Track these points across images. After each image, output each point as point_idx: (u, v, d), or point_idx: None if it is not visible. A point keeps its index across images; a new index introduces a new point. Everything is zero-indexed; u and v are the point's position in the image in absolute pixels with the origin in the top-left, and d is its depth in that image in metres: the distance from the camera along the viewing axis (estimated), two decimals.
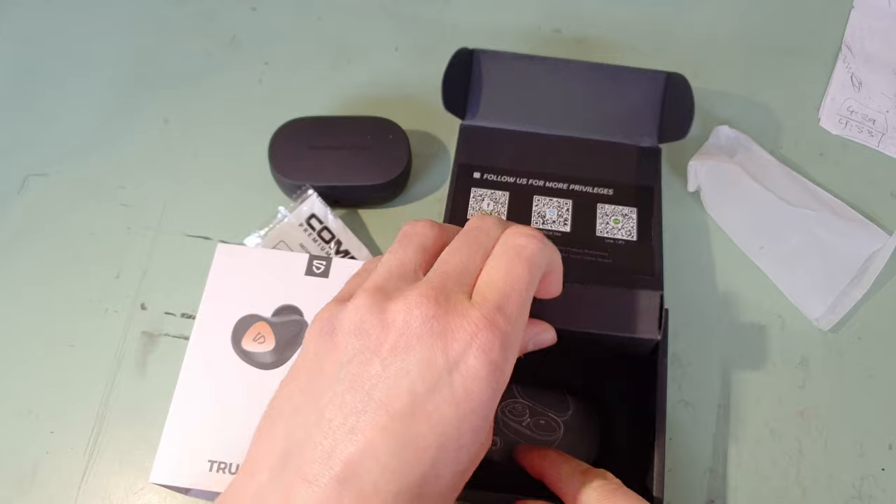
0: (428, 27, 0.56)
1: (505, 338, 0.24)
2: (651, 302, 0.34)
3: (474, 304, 0.25)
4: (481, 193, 0.45)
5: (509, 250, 0.27)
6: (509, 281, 0.26)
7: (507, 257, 0.26)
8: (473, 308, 0.24)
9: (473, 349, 0.23)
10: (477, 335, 0.24)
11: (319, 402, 0.24)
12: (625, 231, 0.44)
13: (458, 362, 0.23)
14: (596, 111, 0.47)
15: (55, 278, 0.46)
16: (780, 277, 0.46)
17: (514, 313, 0.25)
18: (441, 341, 0.24)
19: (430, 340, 0.24)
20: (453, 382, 0.23)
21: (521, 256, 0.26)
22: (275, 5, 0.57)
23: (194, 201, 0.49)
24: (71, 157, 0.51)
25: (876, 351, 0.44)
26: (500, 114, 0.48)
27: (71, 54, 0.55)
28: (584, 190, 0.45)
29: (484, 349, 0.24)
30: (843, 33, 0.56)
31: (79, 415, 0.42)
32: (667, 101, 0.47)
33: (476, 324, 0.24)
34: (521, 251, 0.27)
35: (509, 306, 0.25)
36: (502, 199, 0.45)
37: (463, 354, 0.23)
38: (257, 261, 0.40)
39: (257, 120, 0.50)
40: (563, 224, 0.44)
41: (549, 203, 0.45)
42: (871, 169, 0.50)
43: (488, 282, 0.26)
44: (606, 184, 0.46)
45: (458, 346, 0.24)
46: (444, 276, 0.26)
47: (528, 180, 0.46)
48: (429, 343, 0.24)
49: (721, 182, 0.47)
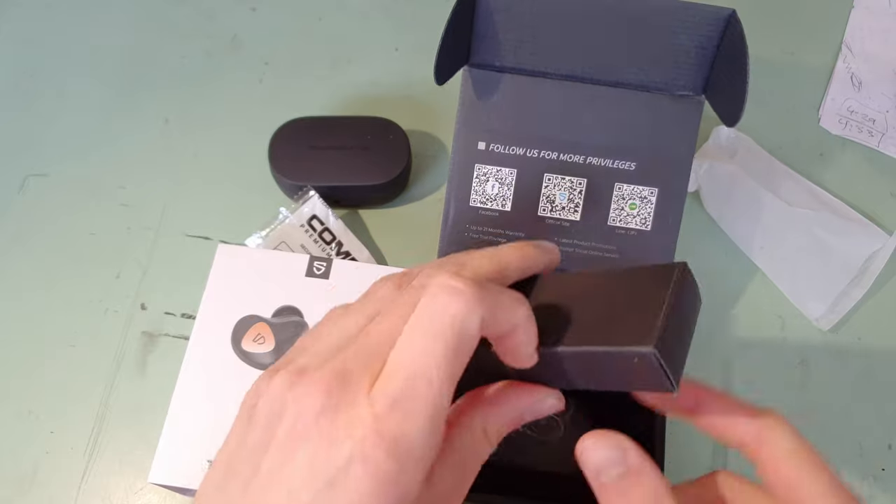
0: (428, 27, 0.56)
1: (398, 443, 0.20)
2: (650, 364, 0.24)
3: (372, 397, 0.21)
4: (486, 172, 0.40)
5: (423, 316, 0.21)
6: (417, 361, 0.21)
7: (420, 326, 0.21)
8: (366, 405, 0.20)
9: (357, 461, 0.20)
10: (363, 443, 0.20)
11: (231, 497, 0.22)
12: (640, 219, 0.40)
13: (340, 474, 0.20)
14: (629, 47, 0.39)
15: (55, 278, 0.46)
16: (780, 277, 0.46)
17: (419, 407, 0.20)
18: (325, 445, 0.20)
19: (315, 442, 0.20)
20: (335, 498, 0.20)
21: (437, 323, 0.21)
22: (275, 5, 0.57)
23: (194, 201, 0.49)
24: (71, 158, 0.51)
25: (876, 351, 0.44)
26: (512, 52, 0.39)
27: (71, 54, 0.55)
28: (603, 164, 0.40)
29: (368, 460, 0.20)
30: (843, 33, 0.56)
31: (79, 415, 0.42)
32: (722, 49, 0.38)
33: (364, 427, 0.20)
34: (438, 316, 0.21)
35: (413, 399, 0.20)
36: (509, 180, 0.40)
37: (347, 466, 0.20)
38: (258, 261, 0.40)
39: (257, 120, 0.50)
40: (573, 211, 0.40)
41: (561, 183, 0.40)
42: (870, 169, 0.50)
43: (395, 361, 0.21)
44: (629, 154, 0.39)
45: (342, 455, 0.20)
46: (352, 355, 0.22)
47: (540, 152, 0.40)
48: (314, 445, 0.20)
49: (721, 182, 0.47)
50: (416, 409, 0.20)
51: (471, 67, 0.40)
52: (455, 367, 0.21)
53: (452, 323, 0.21)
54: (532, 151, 0.40)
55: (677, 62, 0.39)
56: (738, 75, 0.35)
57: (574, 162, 0.40)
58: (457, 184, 0.41)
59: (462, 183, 0.41)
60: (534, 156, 0.40)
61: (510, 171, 0.40)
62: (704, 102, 0.39)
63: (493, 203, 0.40)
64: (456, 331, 0.21)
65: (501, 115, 0.40)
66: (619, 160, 0.40)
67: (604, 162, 0.40)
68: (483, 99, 0.40)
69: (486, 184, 0.41)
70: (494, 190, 0.41)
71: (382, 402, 0.20)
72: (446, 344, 0.21)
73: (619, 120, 0.39)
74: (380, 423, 0.20)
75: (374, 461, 0.20)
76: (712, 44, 0.38)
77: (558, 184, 0.40)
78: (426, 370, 0.21)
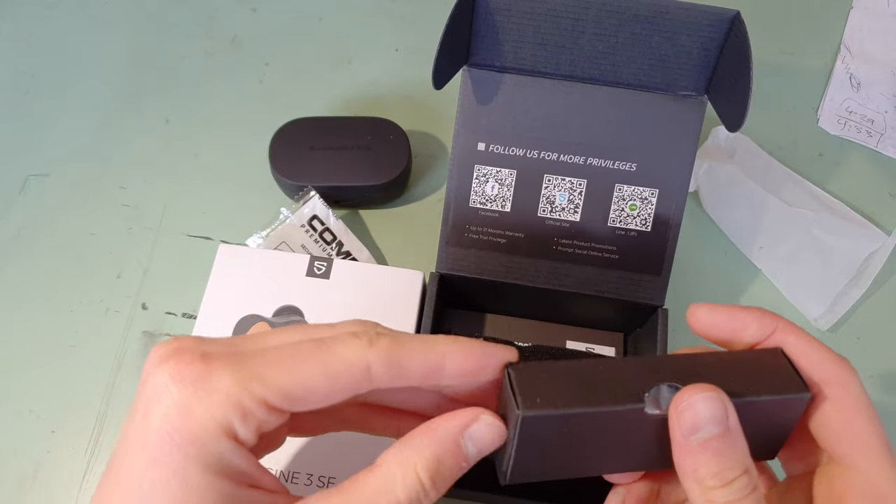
0: (428, 28, 0.56)
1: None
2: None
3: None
4: (486, 173, 0.40)
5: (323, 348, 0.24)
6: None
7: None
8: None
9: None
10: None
11: None
12: (640, 220, 0.40)
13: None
14: (630, 47, 0.38)
15: (56, 278, 0.46)
16: (779, 277, 0.46)
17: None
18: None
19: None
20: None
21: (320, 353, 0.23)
22: (275, 6, 0.57)
23: (195, 202, 0.49)
24: (72, 158, 0.51)
25: (875, 351, 0.44)
26: (512, 52, 0.39)
27: (72, 54, 0.55)
28: (603, 165, 0.39)
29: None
30: (843, 34, 0.56)
31: (80, 414, 0.42)
32: (725, 51, 0.37)
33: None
34: (327, 349, 0.23)
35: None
36: (508, 181, 0.40)
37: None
38: (258, 261, 0.40)
39: (258, 120, 0.50)
40: (573, 212, 0.40)
41: (561, 184, 0.40)
42: (869, 169, 0.51)
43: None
44: (630, 154, 0.39)
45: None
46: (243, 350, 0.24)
47: (540, 153, 0.40)
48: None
49: (720, 182, 0.47)
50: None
51: (470, 67, 0.40)
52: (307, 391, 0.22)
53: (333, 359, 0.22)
54: (532, 152, 0.40)
55: (679, 63, 0.38)
56: (741, 79, 0.35)
57: (574, 163, 0.40)
58: (456, 184, 0.41)
59: (462, 184, 0.41)
60: (534, 156, 0.40)
61: (510, 171, 0.40)
62: (706, 103, 0.39)
63: (492, 204, 0.41)
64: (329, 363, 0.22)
65: (501, 115, 0.40)
66: (619, 161, 0.40)
67: (604, 163, 0.40)
68: (483, 99, 0.40)
69: (485, 184, 0.41)
70: (494, 191, 0.41)
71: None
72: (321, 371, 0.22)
73: (620, 120, 0.39)
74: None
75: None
76: (715, 45, 0.38)
77: (558, 184, 0.40)
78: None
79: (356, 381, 0.22)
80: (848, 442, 0.24)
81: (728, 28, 0.37)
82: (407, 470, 0.22)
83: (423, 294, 0.41)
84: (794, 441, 0.26)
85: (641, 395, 0.23)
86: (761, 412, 0.24)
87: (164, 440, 0.21)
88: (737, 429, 0.23)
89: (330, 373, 0.22)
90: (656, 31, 0.38)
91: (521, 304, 0.43)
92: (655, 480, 0.28)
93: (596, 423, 0.23)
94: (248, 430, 0.21)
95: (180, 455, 0.21)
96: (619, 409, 0.23)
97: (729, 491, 0.22)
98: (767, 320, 0.26)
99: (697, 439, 0.22)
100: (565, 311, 0.43)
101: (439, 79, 0.37)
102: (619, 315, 0.42)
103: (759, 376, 0.24)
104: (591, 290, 0.40)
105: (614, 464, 0.26)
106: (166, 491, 0.20)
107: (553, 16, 0.38)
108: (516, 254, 0.40)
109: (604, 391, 0.23)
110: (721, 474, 0.22)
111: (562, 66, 0.39)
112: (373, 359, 0.23)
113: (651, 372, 0.24)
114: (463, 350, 0.24)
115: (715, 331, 0.27)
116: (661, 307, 0.40)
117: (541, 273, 0.40)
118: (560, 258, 0.40)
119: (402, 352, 0.23)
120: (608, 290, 0.40)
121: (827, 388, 0.24)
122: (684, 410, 0.23)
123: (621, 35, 0.38)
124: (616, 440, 0.24)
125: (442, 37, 0.35)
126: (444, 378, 0.24)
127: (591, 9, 0.38)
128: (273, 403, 0.22)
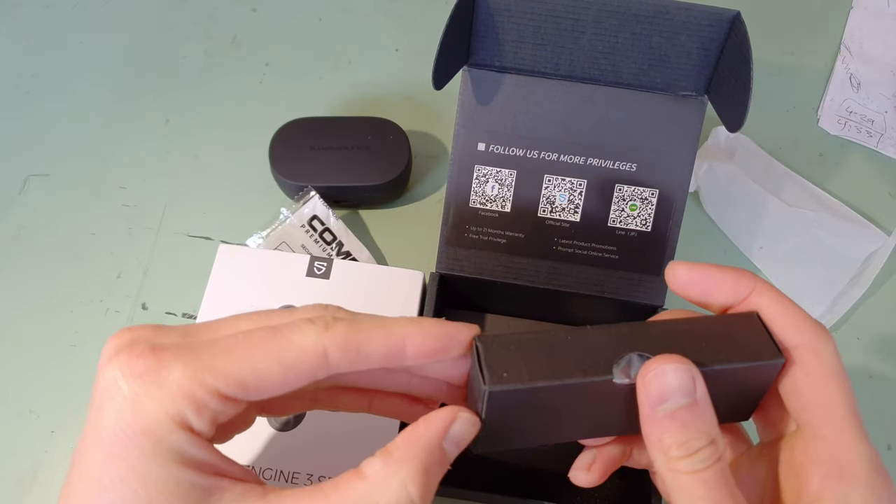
0: (428, 28, 0.56)
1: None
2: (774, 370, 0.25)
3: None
4: (486, 173, 0.40)
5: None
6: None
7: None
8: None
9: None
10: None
11: None
12: (640, 220, 0.40)
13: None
14: (630, 47, 0.38)
15: (56, 278, 0.46)
16: (779, 277, 0.46)
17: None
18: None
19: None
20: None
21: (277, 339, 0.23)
22: (275, 6, 0.57)
23: (195, 202, 0.49)
24: (72, 158, 0.51)
25: (875, 351, 0.44)
26: (512, 52, 0.39)
27: (72, 54, 0.55)
28: (604, 165, 0.40)
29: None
30: (842, 34, 0.56)
31: (80, 414, 0.42)
32: (726, 51, 0.37)
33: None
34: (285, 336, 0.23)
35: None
36: (508, 181, 0.40)
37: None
38: (259, 261, 0.40)
39: (258, 120, 0.50)
40: (573, 212, 0.40)
41: (562, 184, 0.40)
42: (869, 169, 0.51)
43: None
44: (630, 155, 0.39)
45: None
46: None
47: (540, 153, 0.40)
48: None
49: (720, 182, 0.47)
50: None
51: (471, 67, 0.40)
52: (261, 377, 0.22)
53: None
54: (532, 152, 0.40)
55: (679, 63, 0.39)
56: (741, 79, 0.35)
57: (574, 163, 0.40)
58: (456, 185, 0.41)
59: (462, 184, 0.41)
60: (534, 156, 0.40)
61: (510, 171, 0.40)
62: (706, 103, 0.39)
63: (492, 204, 0.41)
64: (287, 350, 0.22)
65: (501, 115, 0.40)
66: (619, 161, 0.40)
67: (604, 163, 0.40)
68: (483, 99, 0.40)
69: (485, 185, 0.41)
70: (494, 191, 0.41)
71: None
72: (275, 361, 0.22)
73: (620, 120, 0.39)
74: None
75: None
76: (715, 45, 0.38)
77: (558, 185, 0.40)
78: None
79: (312, 367, 0.22)
80: (813, 410, 0.23)
81: (728, 28, 0.37)
82: (394, 485, 0.22)
83: (423, 294, 0.41)
84: (768, 406, 0.26)
85: (610, 366, 0.23)
86: (733, 377, 0.24)
87: (118, 437, 0.21)
88: (704, 399, 0.22)
89: (284, 360, 0.22)
90: (656, 31, 0.38)
91: (521, 304, 0.43)
92: (627, 443, 0.28)
93: (565, 395, 0.23)
94: (202, 421, 0.21)
95: (136, 450, 0.21)
96: (588, 381, 0.23)
97: (693, 461, 0.22)
98: (745, 280, 0.25)
99: (664, 410, 0.22)
100: (565, 312, 0.43)
101: (439, 79, 0.37)
102: (618, 315, 0.42)
103: (732, 341, 0.24)
104: (591, 290, 0.40)
105: (584, 431, 0.26)
106: (126, 486, 0.20)
107: (553, 16, 0.38)
108: (516, 254, 0.40)
109: (573, 362, 0.23)
110: (686, 444, 0.22)
111: (562, 67, 0.39)
112: (329, 344, 0.22)
113: (622, 341, 0.24)
114: (423, 331, 0.24)
115: (691, 289, 0.26)
116: (661, 307, 0.40)
117: (541, 273, 0.40)
118: (560, 258, 0.40)
119: (359, 336, 0.23)
120: (608, 290, 0.40)
121: (798, 354, 0.24)
122: (651, 381, 0.22)
123: (621, 35, 0.38)
124: (586, 409, 0.24)
125: (442, 37, 0.35)
126: (406, 360, 0.24)
127: (591, 9, 0.38)
128: (226, 393, 0.21)
